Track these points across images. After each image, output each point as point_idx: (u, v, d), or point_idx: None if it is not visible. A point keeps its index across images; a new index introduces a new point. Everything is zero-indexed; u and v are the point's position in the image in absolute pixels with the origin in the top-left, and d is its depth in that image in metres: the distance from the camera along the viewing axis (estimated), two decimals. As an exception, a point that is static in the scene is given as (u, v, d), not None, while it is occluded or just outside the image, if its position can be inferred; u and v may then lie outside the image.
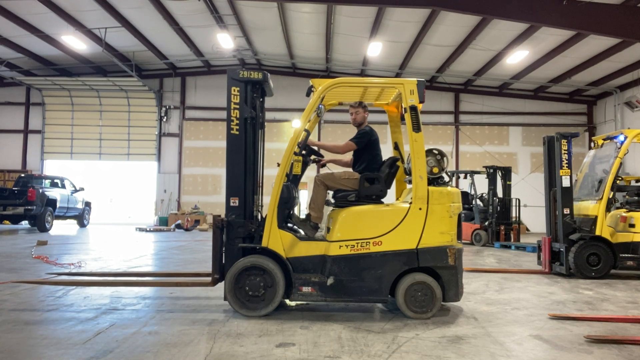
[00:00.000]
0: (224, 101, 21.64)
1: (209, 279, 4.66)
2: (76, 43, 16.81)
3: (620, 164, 7.51)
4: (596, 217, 7.36)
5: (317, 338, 3.74)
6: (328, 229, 4.74)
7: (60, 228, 17.37)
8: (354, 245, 4.43)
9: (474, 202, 13.83)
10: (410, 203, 4.51)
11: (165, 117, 21.65)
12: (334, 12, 14.43)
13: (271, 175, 5.28)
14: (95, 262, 8.02)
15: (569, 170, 7.44)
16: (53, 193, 15.80)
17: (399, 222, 4.46)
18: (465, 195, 14.72)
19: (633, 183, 12.02)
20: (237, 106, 4.61)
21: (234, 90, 4.62)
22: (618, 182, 7.81)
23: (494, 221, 13.10)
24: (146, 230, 17.12)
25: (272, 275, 4.36)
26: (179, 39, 17.59)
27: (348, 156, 5.44)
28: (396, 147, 5.54)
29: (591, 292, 6.03)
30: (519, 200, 13.99)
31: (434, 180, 4.79)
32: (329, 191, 4.95)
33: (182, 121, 21.65)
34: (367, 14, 14.52)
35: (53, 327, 3.93)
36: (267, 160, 5.25)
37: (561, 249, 7.37)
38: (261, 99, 5.00)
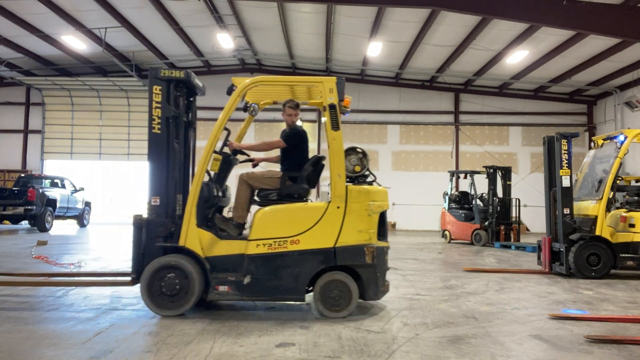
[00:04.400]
0: (224, 101, 21.57)
1: (128, 278, 4.62)
2: (76, 43, 16.81)
3: (620, 164, 7.51)
4: (596, 217, 7.36)
5: (317, 338, 3.74)
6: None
7: (60, 228, 17.37)
8: (271, 244, 4.40)
9: (474, 202, 13.83)
10: (329, 201, 4.49)
11: (165, 117, 21.61)
12: (334, 12, 14.42)
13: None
14: (95, 262, 8.02)
15: (569, 170, 7.44)
16: (53, 193, 15.79)
17: (317, 220, 4.43)
18: (465, 195, 14.72)
19: (633, 183, 12.02)
20: (159, 105, 4.57)
21: (156, 89, 4.58)
22: (618, 182, 7.81)
23: (494, 221, 13.10)
24: (146, 230, 17.07)
25: (187, 274, 4.32)
26: (179, 39, 17.58)
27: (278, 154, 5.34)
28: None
29: (591, 292, 6.03)
30: (519, 200, 13.99)
31: (357, 178, 4.74)
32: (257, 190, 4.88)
33: (182, 121, 21.63)
34: (367, 14, 14.52)
35: (53, 327, 3.93)
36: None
37: (561, 249, 7.37)
38: (191, 98, 4.96)
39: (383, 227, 4.69)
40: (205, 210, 4.64)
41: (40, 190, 15.07)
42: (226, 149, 5.05)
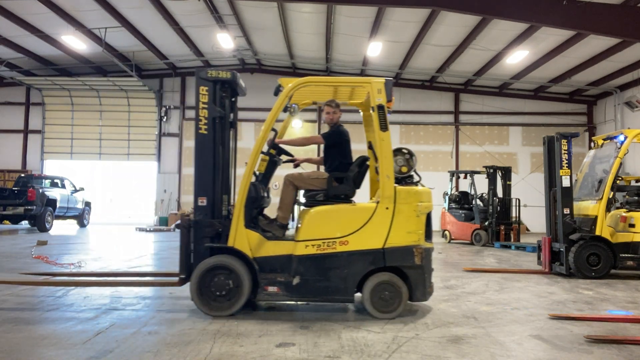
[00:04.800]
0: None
1: (176, 279, 4.64)
2: (76, 43, 16.80)
3: (620, 164, 7.51)
4: (596, 217, 7.35)
5: (317, 338, 3.74)
6: (297, 229, 4.71)
7: (60, 228, 17.37)
8: (320, 245, 4.41)
9: (474, 202, 13.83)
10: (377, 202, 4.49)
11: (165, 117, 21.65)
12: (334, 12, 14.42)
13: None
14: (95, 262, 8.02)
15: (569, 170, 7.44)
16: (53, 193, 15.80)
17: (366, 221, 4.44)
18: (465, 195, 14.72)
19: (633, 183, 12.02)
20: (206, 106, 4.59)
21: (202, 90, 4.59)
22: (618, 182, 7.81)
23: (494, 221, 13.10)
24: (146, 230, 17.12)
25: (237, 274, 4.34)
26: (179, 39, 17.58)
27: (320, 154, 5.39)
28: (370, 146, 5.46)
29: (591, 292, 6.03)
30: (519, 200, 13.98)
31: (403, 179, 4.75)
32: (299, 191, 4.93)
33: (182, 121, 21.64)
34: (367, 14, 14.52)
35: (53, 327, 3.93)
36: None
37: (561, 249, 7.37)
38: (232, 99, 4.98)
39: (429, 227, 4.70)
40: (252, 210, 4.67)
41: (40, 190, 15.07)
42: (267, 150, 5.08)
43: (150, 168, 21.97)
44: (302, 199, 4.98)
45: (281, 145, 5.18)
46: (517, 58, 16.50)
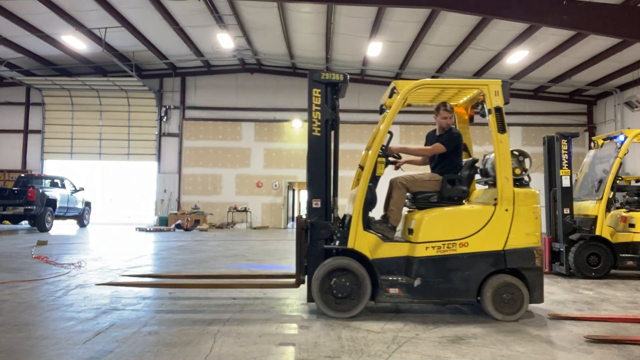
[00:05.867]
0: (224, 101, 21.66)
1: (292, 280, 4.67)
2: (76, 43, 16.81)
3: (620, 164, 7.51)
4: (596, 217, 7.35)
5: (317, 338, 3.74)
6: (410, 230, 4.68)
7: (60, 228, 17.37)
8: (440, 247, 4.42)
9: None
10: (495, 204, 4.51)
11: (165, 117, 21.65)
12: (334, 12, 14.42)
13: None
14: (95, 262, 8.02)
15: (569, 170, 7.44)
16: (53, 193, 15.81)
17: (485, 223, 4.46)
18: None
19: (633, 183, 12.01)
20: (319, 108, 4.61)
21: (315, 92, 4.63)
22: (618, 182, 7.81)
23: (494, 221, 13.06)
24: (146, 230, 17.12)
25: (358, 276, 4.35)
26: (179, 39, 17.59)
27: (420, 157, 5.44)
28: (465, 148, 5.49)
29: (591, 292, 6.03)
30: (519, 200, 13.95)
31: (516, 181, 4.76)
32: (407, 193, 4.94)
33: (182, 121, 21.65)
34: (367, 14, 14.52)
35: (53, 327, 3.93)
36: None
37: (561, 249, 7.37)
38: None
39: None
40: (368, 213, 4.70)
41: (40, 190, 15.08)
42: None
43: (150, 168, 21.98)
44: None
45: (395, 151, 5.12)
46: (517, 58, 16.49)
